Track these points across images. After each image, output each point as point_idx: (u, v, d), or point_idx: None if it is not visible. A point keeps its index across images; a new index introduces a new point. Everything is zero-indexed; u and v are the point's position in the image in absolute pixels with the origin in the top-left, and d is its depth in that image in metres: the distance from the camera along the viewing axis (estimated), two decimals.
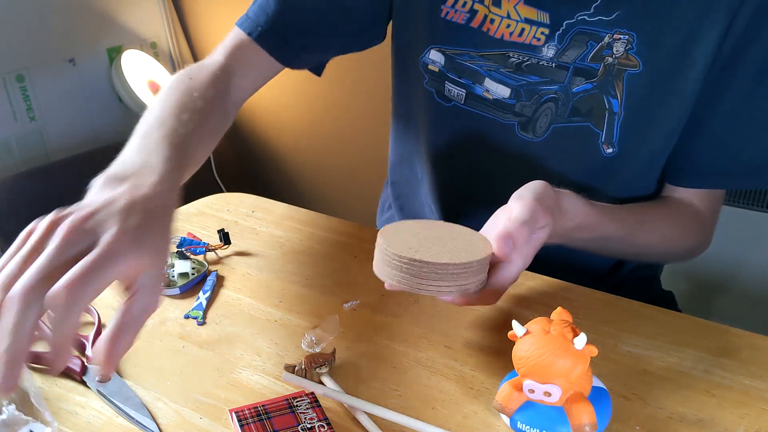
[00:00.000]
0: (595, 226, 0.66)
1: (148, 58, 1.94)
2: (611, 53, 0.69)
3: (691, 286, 1.44)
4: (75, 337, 0.44)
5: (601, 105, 0.72)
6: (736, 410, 0.53)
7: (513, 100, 0.74)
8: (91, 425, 0.52)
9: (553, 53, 0.71)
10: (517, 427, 0.50)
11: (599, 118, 0.72)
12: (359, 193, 1.68)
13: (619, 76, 0.70)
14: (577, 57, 0.70)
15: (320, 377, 0.55)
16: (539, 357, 0.47)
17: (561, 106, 0.73)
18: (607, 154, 0.74)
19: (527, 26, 0.71)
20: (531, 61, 0.72)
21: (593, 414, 0.48)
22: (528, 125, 0.75)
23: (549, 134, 0.74)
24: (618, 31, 0.68)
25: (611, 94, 0.71)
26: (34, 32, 1.70)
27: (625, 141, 0.73)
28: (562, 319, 0.50)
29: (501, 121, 0.75)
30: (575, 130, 0.73)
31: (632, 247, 0.75)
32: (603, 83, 0.71)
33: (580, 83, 0.71)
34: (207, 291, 0.68)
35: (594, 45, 0.69)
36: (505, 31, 0.72)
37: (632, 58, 0.69)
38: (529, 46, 0.72)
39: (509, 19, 0.71)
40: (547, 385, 0.47)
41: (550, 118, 0.74)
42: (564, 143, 0.74)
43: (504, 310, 0.65)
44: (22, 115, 1.71)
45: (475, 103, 0.76)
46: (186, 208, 0.87)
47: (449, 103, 0.78)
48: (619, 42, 0.68)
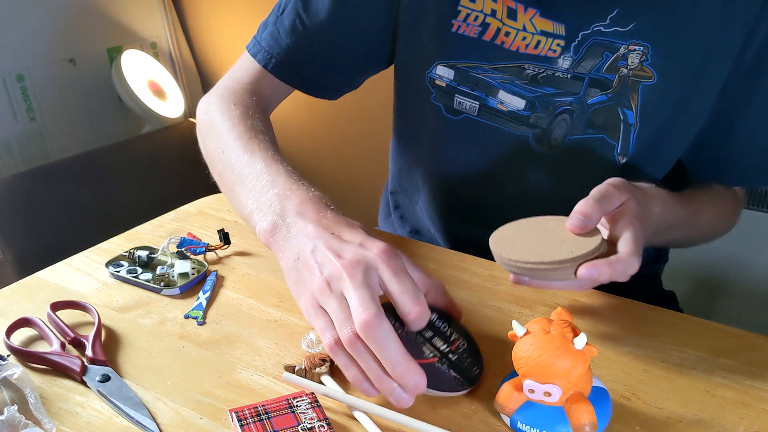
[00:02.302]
0: (669, 210, 0.68)
1: (148, 58, 1.94)
2: (626, 64, 0.70)
3: (692, 286, 1.44)
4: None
5: (615, 117, 0.72)
6: (736, 410, 0.53)
7: (528, 112, 0.74)
8: (91, 425, 0.52)
9: (569, 64, 0.71)
10: (517, 427, 0.50)
11: (614, 129, 0.73)
12: (359, 193, 1.68)
13: (634, 88, 0.70)
14: (592, 68, 0.71)
15: (320, 377, 0.55)
16: (539, 357, 0.47)
17: (576, 118, 0.73)
18: (621, 165, 0.74)
19: (543, 38, 0.71)
20: (546, 72, 0.72)
21: (593, 414, 0.48)
22: (543, 137, 0.75)
23: (564, 146, 0.74)
24: (633, 42, 0.69)
25: (626, 106, 0.71)
26: (34, 32, 1.70)
27: (639, 152, 0.74)
28: (562, 319, 0.50)
29: (515, 132, 0.75)
30: (591, 142, 0.74)
31: (693, 230, 0.78)
32: (618, 95, 0.71)
33: (595, 95, 0.72)
34: (207, 291, 0.68)
35: (609, 56, 0.70)
36: (521, 43, 0.72)
37: (647, 70, 0.69)
38: (545, 58, 0.72)
39: (525, 31, 0.71)
40: (547, 385, 0.47)
41: (565, 130, 0.74)
42: (579, 155, 0.75)
43: (504, 310, 0.65)
44: (22, 115, 1.71)
45: (488, 115, 0.76)
46: (186, 208, 0.87)
47: (459, 116, 0.77)
48: (634, 53, 0.69)
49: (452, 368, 0.53)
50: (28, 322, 0.61)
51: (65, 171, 1.70)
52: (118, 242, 0.78)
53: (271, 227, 0.58)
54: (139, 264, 0.71)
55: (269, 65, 0.79)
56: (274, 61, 0.79)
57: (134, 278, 0.69)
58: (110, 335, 0.62)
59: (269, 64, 0.79)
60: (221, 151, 0.69)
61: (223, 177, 0.69)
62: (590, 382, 0.50)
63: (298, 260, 0.54)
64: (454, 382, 0.52)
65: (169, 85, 1.97)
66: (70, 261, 0.74)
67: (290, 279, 0.55)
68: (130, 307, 0.66)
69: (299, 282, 0.54)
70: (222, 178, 0.70)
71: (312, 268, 0.52)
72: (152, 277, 0.69)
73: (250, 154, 0.66)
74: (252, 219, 0.60)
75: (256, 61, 0.80)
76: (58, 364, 0.57)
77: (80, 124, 1.85)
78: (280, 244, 0.56)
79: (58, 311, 0.63)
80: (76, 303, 0.64)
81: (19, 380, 0.52)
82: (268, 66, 0.79)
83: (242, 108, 0.74)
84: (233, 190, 0.66)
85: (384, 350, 0.48)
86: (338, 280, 0.51)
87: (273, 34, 0.79)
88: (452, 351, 0.55)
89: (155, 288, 0.68)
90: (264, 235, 0.58)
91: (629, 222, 0.58)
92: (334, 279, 0.51)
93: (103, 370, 0.56)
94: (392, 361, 0.48)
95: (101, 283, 0.70)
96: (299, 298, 0.54)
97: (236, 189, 0.65)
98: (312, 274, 0.52)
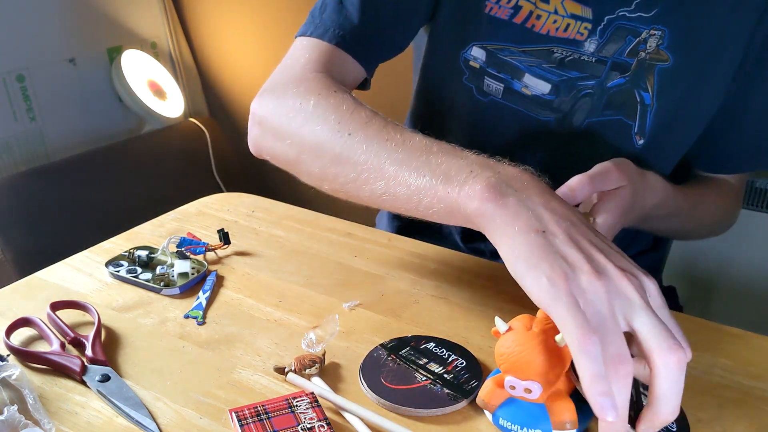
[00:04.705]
0: (669, 201, 0.69)
1: (148, 58, 1.94)
2: (645, 48, 0.71)
3: (692, 285, 1.44)
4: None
5: (632, 98, 0.74)
6: (736, 410, 0.53)
7: (553, 96, 0.75)
8: (91, 425, 0.52)
9: (594, 48, 0.73)
10: (499, 423, 0.50)
11: (632, 110, 0.74)
12: None
13: (651, 71, 0.72)
14: (615, 51, 0.72)
15: (310, 378, 0.55)
16: (519, 353, 0.47)
17: (596, 101, 0.75)
18: (639, 145, 0.76)
19: (572, 21, 0.73)
20: (573, 56, 0.74)
21: (574, 411, 0.48)
22: (564, 120, 0.76)
23: (584, 128, 0.76)
24: (654, 27, 0.71)
25: (643, 88, 0.73)
26: (34, 32, 1.70)
27: (656, 132, 0.75)
28: (545, 317, 0.50)
29: (538, 117, 0.77)
30: (609, 123, 0.75)
31: (691, 221, 0.79)
32: (635, 77, 0.73)
33: (615, 77, 0.73)
34: (207, 291, 0.68)
35: (632, 40, 0.71)
36: (551, 26, 0.73)
37: (662, 53, 0.71)
38: (573, 41, 0.73)
39: (556, 14, 0.73)
40: (528, 382, 0.47)
41: (586, 113, 0.75)
42: (598, 136, 0.76)
43: (504, 309, 0.65)
44: (22, 115, 1.71)
45: (512, 98, 0.77)
46: (186, 208, 0.87)
47: (487, 98, 0.78)
48: (653, 37, 0.71)
49: (446, 386, 0.54)
50: (28, 322, 0.61)
51: (65, 171, 1.70)
52: (118, 242, 0.78)
53: (493, 185, 0.48)
54: (139, 264, 0.71)
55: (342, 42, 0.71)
56: (348, 37, 0.71)
57: (134, 278, 0.69)
58: (110, 335, 0.62)
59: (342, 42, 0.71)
60: (347, 134, 0.58)
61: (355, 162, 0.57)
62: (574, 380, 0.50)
63: (546, 232, 0.45)
64: (448, 398, 0.53)
65: (169, 85, 1.97)
66: (70, 261, 0.74)
67: (524, 247, 0.45)
68: (130, 307, 0.66)
69: (547, 253, 0.44)
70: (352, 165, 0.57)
71: (573, 252, 0.44)
72: (152, 276, 0.69)
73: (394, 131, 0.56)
74: (445, 187, 0.50)
75: (323, 42, 0.71)
76: (57, 364, 0.57)
77: (80, 124, 1.85)
78: (512, 207, 0.47)
79: (58, 311, 0.63)
80: (76, 303, 0.64)
81: (18, 381, 0.52)
82: (341, 44, 0.71)
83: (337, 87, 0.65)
84: (382, 170, 0.55)
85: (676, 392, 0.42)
86: (618, 280, 0.43)
87: (339, 11, 0.73)
88: (448, 371, 0.56)
89: (155, 288, 0.68)
90: (481, 195, 0.48)
91: (610, 210, 0.60)
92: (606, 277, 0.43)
93: (103, 370, 0.56)
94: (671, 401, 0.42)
95: (101, 283, 0.70)
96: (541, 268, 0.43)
97: (390, 169, 0.54)
98: (574, 256, 0.44)
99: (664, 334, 0.41)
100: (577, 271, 0.43)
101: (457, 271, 0.72)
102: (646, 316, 0.42)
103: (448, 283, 0.70)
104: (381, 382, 0.54)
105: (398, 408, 0.52)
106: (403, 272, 0.72)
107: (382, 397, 0.53)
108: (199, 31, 2.07)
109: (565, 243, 0.45)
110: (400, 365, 0.56)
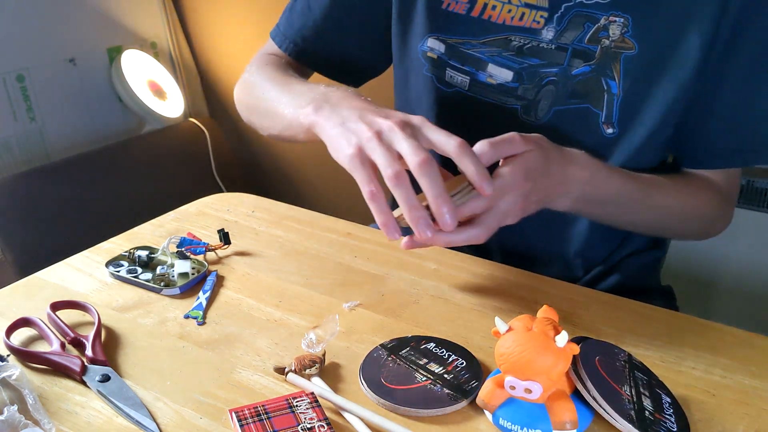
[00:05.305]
0: (608, 181, 0.68)
1: (148, 58, 1.94)
2: (607, 35, 0.72)
3: (691, 285, 1.44)
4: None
5: (599, 86, 0.74)
6: (736, 410, 0.53)
7: (516, 83, 0.76)
8: (91, 425, 0.52)
9: (552, 35, 0.73)
10: (499, 423, 0.50)
11: (598, 99, 0.74)
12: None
13: (616, 59, 0.72)
14: (574, 38, 0.73)
15: (310, 378, 0.55)
16: (520, 354, 0.47)
17: (561, 89, 0.75)
18: (607, 134, 0.75)
19: (527, 10, 0.74)
20: (531, 43, 0.74)
21: (574, 412, 0.48)
22: (530, 108, 0.77)
23: (551, 117, 0.76)
24: (613, 13, 0.71)
25: (609, 76, 0.73)
26: (34, 32, 1.70)
27: (624, 121, 0.75)
28: (546, 317, 0.50)
29: (504, 105, 0.77)
30: (575, 112, 0.75)
31: (650, 211, 0.76)
32: (601, 66, 0.73)
33: (578, 65, 0.73)
34: (207, 291, 0.68)
35: (591, 26, 0.72)
36: (506, 16, 0.74)
37: (628, 41, 0.71)
38: (530, 30, 0.74)
39: (510, 4, 0.74)
40: (528, 382, 0.47)
41: (551, 100, 0.75)
42: (565, 125, 0.76)
43: (504, 309, 0.65)
44: (22, 115, 1.71)
45: (479, 89, 0.78)
46: (186, 208, 0.87)
47: (450, 89, 0.80)
48: (615, 25, 0.71)
49: (447, 386, 0.54)
50: (28, 322, 0.61)
51: (65, 171, 1.70)
52: (118, 242, 0.78)
53: (316, 105, 0.63)
54: (139, 264, 0.71)
55: (287, 48, 0.86)
56: (289, 43, 0.86)
57: (134, 278, 0.69)
58: (110, 335, 0.62)
59: (287, 47, 0.86)
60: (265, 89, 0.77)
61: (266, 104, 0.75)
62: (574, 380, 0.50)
63: (345, 124, 0.59)
64: (448, 398, 0.53)
65: (169, 85, 1.97)
66: (70, 261, 0.74)
67: (333, 139, 0.60)
68: (130, 307, 0.66)
69: (343, 137, 0.58)
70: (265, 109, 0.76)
71: (360, 126, 0.58)
72: (152, 277, 0.69)
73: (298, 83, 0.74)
74: (296, 115, 0.66)
75: (275, 45, 0.87)
76: (58, 364, 0.57)
77: (80, 124, 1.85)
78: (326, 114, 0.62)
79: (58, 311, 0.63)
80: (76, 303, 0.64)
81: (18, 381, 0.52)
82: (283, 47, 0.86)
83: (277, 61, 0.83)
84: (276, 110, 0.72)
85: (434, 184, 0.54)
86: (389, 132, 0.56)
87: (288, 18, 0.86)
88: (448, 371, 0.56)
89: (155, 288, 0.68)
90: (307, 116, 0.64)
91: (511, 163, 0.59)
92: (384, 131, 0.57)
93: (103, 370, 0.56)
94: (439, 193, 0.54)
95: (101, 283, 0.70)
96: (341, 151, 0.58)
97: (278, 106, 0.72)
98: (360, 129, 0.57)
99: (411, 149, 0.55)
100: (360, 135, 0.57)
101: (457, 271, 0.72)
102: (402, 140, 0.56)
103: (448, 283, 0.70)
104: (381, 382, 0.54)
105: (398, 408, 0.52)
106: (403, 272, 0.72)
107: (382, 397, 0.53)
108: (199, 31, 2.07)
109: (355, 122, 0.59)
110: (400, 365, 0.56)
